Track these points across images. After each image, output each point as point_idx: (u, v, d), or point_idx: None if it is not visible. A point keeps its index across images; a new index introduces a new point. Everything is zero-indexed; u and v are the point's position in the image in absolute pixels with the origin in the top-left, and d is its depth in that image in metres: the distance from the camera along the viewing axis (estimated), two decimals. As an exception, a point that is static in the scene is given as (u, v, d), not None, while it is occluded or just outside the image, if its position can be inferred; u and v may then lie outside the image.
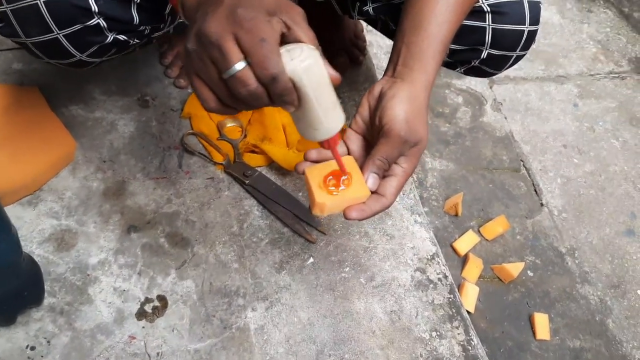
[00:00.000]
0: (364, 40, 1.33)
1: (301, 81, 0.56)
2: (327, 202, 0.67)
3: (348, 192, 0.68)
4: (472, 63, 0.93)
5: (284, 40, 0.57)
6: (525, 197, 1.42)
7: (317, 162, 0.72)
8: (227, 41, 0.52)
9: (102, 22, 0.76)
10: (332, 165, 0.70)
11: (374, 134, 0.73)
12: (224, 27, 0.52)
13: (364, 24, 1.36)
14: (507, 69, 0.95)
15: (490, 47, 0.89)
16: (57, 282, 0.90)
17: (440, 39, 0.73)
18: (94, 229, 0.97)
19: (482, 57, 0.91)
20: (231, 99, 0.56)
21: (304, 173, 0.70)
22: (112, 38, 0.79)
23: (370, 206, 0.68)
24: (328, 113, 0.60)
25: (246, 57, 0.53)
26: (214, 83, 0.55)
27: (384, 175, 0.70)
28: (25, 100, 1.04)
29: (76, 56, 0.80)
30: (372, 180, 0.68)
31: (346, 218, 0.68)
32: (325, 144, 0.65)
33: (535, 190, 1.44)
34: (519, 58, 0.92)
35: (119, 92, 1.16)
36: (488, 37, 0.88)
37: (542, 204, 1.42)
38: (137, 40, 0.84)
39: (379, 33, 1.69)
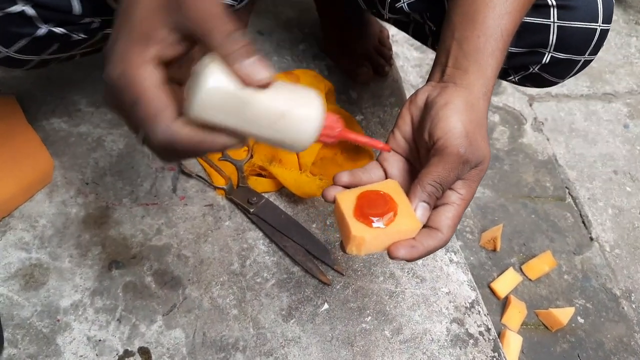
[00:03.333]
0: (390, 48, 1.18)
1: (213, 119, 0.42)
2: (366, 236, 0.52)
3: (394, 225, 0.52)
4: (531, 69, 0.78)
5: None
6: (573, 230, 1.25)
7: (349, 187, 0.57)
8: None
9: (30, 10, 0.60)
10: (369, 192, 0.54)
11: (420, 154, 0.58)
12: (112, 76, 0.42)
13: (391, 30, 1.21)
14: (570, 77, 0.79)
15: (554, 50, 0.73)
16: (21, 328, 0.76)
17: (500, 34, 0.58)
18: (69, 264, 0.82)
19: (543, 61, 0.75)
20: None
21: (334, 200, 0.55)
22: (46, 30, 0.64)
23: (422, 243, 0.53)
24: (282, 121, 0.44)
25: None
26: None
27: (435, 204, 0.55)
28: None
29: (1, 52, 0.65)
30: (421, 210, 0.53)
31: (392, 257, 0.53)
32: (325, 139, 0.48)
33: (583, 222, 1.26)
34: (586, 63, 0.77)
35: (108, 104, 1.02)
36: (552, 37, 0.72)
37: (591, 238, 1.24)
38: (84, 36, 0.68)
39: (405, 44, 1.55)
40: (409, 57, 1.48)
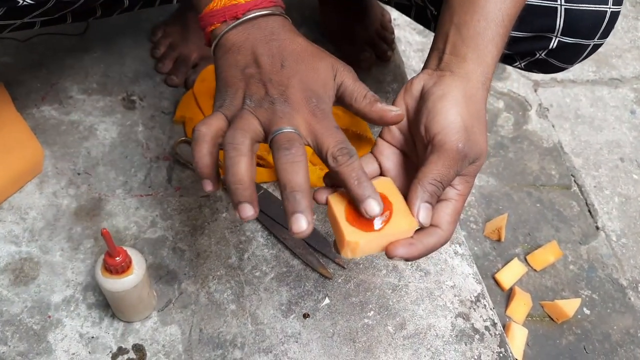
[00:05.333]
0: (392, 32, 1.14)
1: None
2: (361, 240, 0.49)
3: (390, 226, 0.49)
4: (537, 55, 0.74)
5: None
6: (579, 219, 1.22)
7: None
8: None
9: None
10: None
11: (417, 147, 0.55)
12: (302, 115, 0.49)
13: (392, 14, 1.17)
14: (579, 62, 0.76)
15: (561, 34, 0.70)
16: (11, 325, 0.74)
17: (501, 19, 0.54)
18: (61, 258, 0.79)
19: (550, 47, 0.72)
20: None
21: (327, 202, 0.52)
22: None
23: (422, 241, 0.50)
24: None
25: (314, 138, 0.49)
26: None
27: None
28: (-14, 98, 0.87)
29: None
30: (424, 212, 0.50)
31: (390, 257, 0.50)
32: None
33: (589, 211, 1.24)
34: (595, 48, 0.73)
35: (100, 91, 0.99)
36: (559, 21, 0.69)
37: (597, 227, 1.21)
38: (31, 1, 0.62)
39: (407, 27, 1.51)
40: (411, 41, 1.44)
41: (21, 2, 0.62)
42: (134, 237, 0.82)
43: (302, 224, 0.44)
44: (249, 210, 0.46)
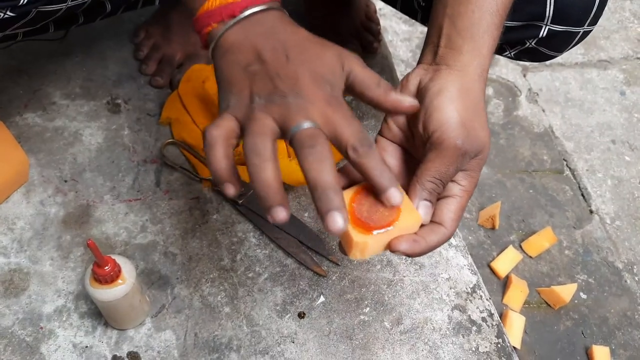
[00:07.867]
0: (378, 23, 1.13)
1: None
2: (369, 240, 0.48)
3: (396, 223, 0.49)
4: (527, 44, 0.74)
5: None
6: (572, 204, 1.22)
7: (344, 188, 0.53)
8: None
9: None
10: (362, 188, 0.51)
11: (416, 143, 0.54)
12: (316, 106, 0.46)
13: (378, 3, 1.16)
14: (568, 50, 0.75)
15: (551, 22, 0.69)
16: (2, 338, 0.73)
17: (496, 9, 0.54)
18: (51, 268, 0.78)
19: (540, 35, 0.71)
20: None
21: None
22: None
23: (425, 237, 0.50)
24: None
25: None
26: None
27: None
28: (-33, 108, 0.86)
29: None
30: (424, 209, 0.50)
31: (392, 251, 0.49)
32: None
33: (582, 195, 1.23)
34: (585, 35, 0.72)
35: (84, 95, 0.97)
36: (549, 9, 0.68)
37: (591, 211, 1.21)
38: (12, 14, 0.61)
39: (393, 17, 1.49)
40: (398, 30, 1.43)
41: (2, 15, 0.61)
42: (124, 243, 0.81)
43: (338, 221, 0.42)
44: (281, 213, 0.44)
